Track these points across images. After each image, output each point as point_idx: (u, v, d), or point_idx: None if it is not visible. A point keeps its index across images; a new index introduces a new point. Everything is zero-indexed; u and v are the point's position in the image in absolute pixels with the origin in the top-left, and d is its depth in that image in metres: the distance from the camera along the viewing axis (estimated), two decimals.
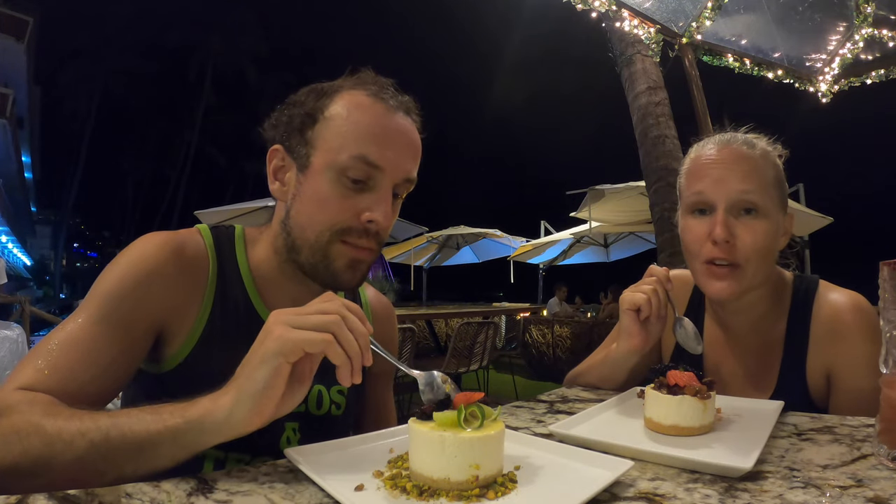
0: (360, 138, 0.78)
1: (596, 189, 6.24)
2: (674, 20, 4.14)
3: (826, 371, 0.95)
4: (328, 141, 0.79)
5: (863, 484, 0.55)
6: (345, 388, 0.93)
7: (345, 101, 0.81)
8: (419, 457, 0.55)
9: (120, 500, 0.50)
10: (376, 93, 0.81)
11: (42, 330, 9.16)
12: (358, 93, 0.81)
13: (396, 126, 0.81)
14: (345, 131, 0.79)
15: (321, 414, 0.89)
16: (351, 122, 0.79)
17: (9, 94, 12.79)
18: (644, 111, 4.46)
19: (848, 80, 4.48)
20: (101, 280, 0.76)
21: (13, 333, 3.26)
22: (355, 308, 0.63)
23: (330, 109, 0.81)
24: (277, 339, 0.59)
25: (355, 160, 0.78)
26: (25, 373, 0.68)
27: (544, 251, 9.91)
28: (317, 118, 0.81)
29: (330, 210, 0.79)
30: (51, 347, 0.70)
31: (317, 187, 0.79)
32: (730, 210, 0.94)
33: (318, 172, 0.80)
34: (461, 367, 4.30)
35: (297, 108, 0.83)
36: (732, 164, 0.96)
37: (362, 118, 0.79)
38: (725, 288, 0.95)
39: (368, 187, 0.79)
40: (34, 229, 32.06)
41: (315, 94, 0.83)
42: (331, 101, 0.81)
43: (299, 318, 0.60)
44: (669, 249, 4.19)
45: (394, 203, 0.83)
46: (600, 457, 0.62)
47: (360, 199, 0.79)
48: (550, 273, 11.15)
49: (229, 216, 6.45)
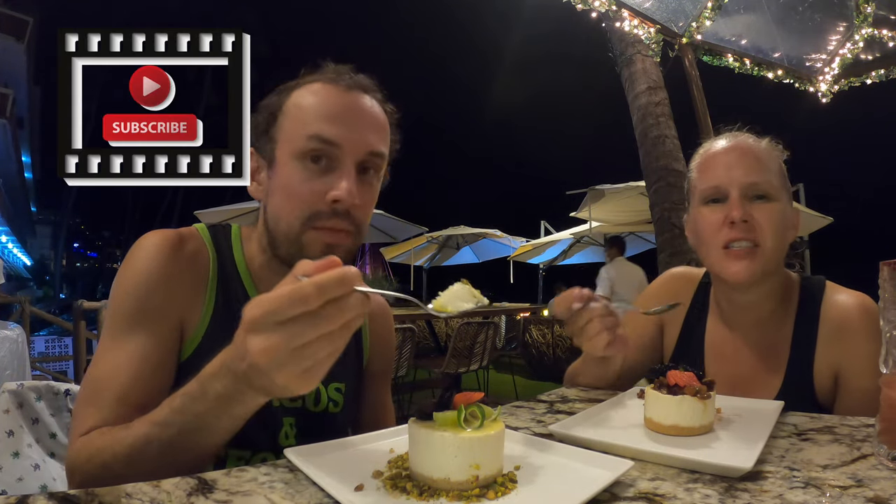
0: (314, 119, 0.79)
1: (596, 189, 6.24)
2: (674, 20, 4.15)
3: (833, 371, 0.96)
4: (287, 131, 0.81)
5: (863, 484, 0.55)
6: (343, 385, 0.93)
7: (300, 91, 0.83)
8: (419, 457, 0.55)
9: (120, 500, 0.50)
10: (331, 78, 0.83)
11: (42, 330, 9.14)
12: (315, 82, 0.83)
13: (350, 102, 0.81)
14: (300, 117, 0.80)
15: (318, 411, 0.89)
16: (305, 108, 0.80)
17: (9, 94, 12.80)
18: (644, 111, 4.46)
19: (848, 80, 4.49)
20: (114, 295, 0.77)
21: (13, 333, 3.26)
22: (328, 280, 0.50)
23: (288, 102, 0.82)
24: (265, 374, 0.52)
25: (310, 140, 0.78)
26: (83, 421, 0.69)
27: (544, 251, 9.91)
28: (277, 115, 0.83)
29: (295, 196, 0.79)
30: (95, 387, 0.71)
31: (282, 178, 0.81)
32: (744, 196, 0.97)
33: (282, 164, 0.81)
34: (461, 367, 4.30)
35: (263, 110, 0.85)
36: (743, 154, 1.00)
37: (315, 100, 0.81)
38: (744, 269, 0.95)
39: (330, 168, 0.79)
40: (34, 229, 32.06)
41: (276, 94, 0.85)
42: (288, 96, 0.83)
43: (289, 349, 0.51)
44: (669, 249, 4.19)
45: (363, 179, 0.82)
46: (600, 457, 0.62)
47: (323, 180, 0.79)
48: (550, 273, 11.15)
49: (229, 216, 6.45)
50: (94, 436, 0.66)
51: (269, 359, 0.50)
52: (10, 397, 0.96)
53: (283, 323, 0.50)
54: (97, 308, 4.34)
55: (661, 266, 4.21)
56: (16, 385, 0.97)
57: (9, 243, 24.77)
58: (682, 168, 4.19)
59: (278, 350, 0.50)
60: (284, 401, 0.86)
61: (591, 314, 0.88)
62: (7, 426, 0.95)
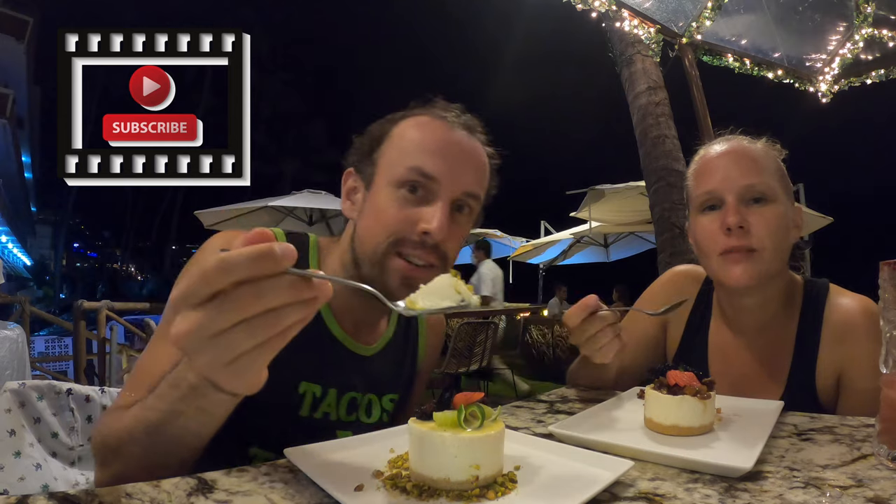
0: (417, 151, 0.81)
1: (596, 189, 6.24)
2: (674, 20, 4.15)
3: (836, 373, 0.96)
4: (389, 158, 0.83)
5: (863, 484, 0.55)
6: (396, 396, 0.95)
7: (408, 122, 0.85)
8: (419, 457, 0.55)
9: (120, 500, 0.50)
10: (439, 115, 0.85)
11: (42, 330, 9.13)
12: (422, 115, 0.86)
13: (454, 139, 0.84)
14: (403, 147, 0.83)
15: (372, 422, 0.91)
16: (409, 139, 0.83)
17: (9, 94, 12.78)
18: (644, 111, 4.46)
19: (848, 80, 4.49)
20: (177, 284, 0.77)
21: (13, 333, 3.26)
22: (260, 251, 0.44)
23: (394, 131, 0.85)
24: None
25: (410, 171, 0.80)
26: (118, 401, 0.71)
27: (544, 251, 9.90)
28: (382, 141, 0.85)
29: (386, 220, 0.81)
30: (138, 373, 0.72)
31: (377, 201, 0.83)
32: (740, 200, 0.96)
33: (379, 188, 0.83)
34: (461, 367, 4.30)
35: (368, 134, 0.88)
36: (737, 158, 0.98)
37: (420, 134, 0.83)
38: (743, 273, 0.94)
39: (425, 200, 0.81)
40: (34, 229, 32.03)
41: (385, 121, 0.88)
42: (396, 125, 0.86)
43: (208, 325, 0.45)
44: (669, 249, 4.19)
45: (456, 218, 0.84)
46: (600, 457, 0.62)
47: (417, 210, 0.81)
48: (550, 273, 11.15)
49: (229, 216, 6.45)
50: (103, 414, 0.68)
51: (185, 343, 0.46)
52: (12, 396, 0.96)
53: (197, 305, 0.45)
54: (97, 308, 4.34)
55: (661, 266, 4.21)
56: (17, 384, 0.97)
57: (9, 243, 24.76)
58: (682, 168, 4.19)
59: (190, 334, 0.45)
60: (342, 414, 0.88)
61: (603, 323, 0.87)
62: (8, 425, 0.95)
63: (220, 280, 0.43)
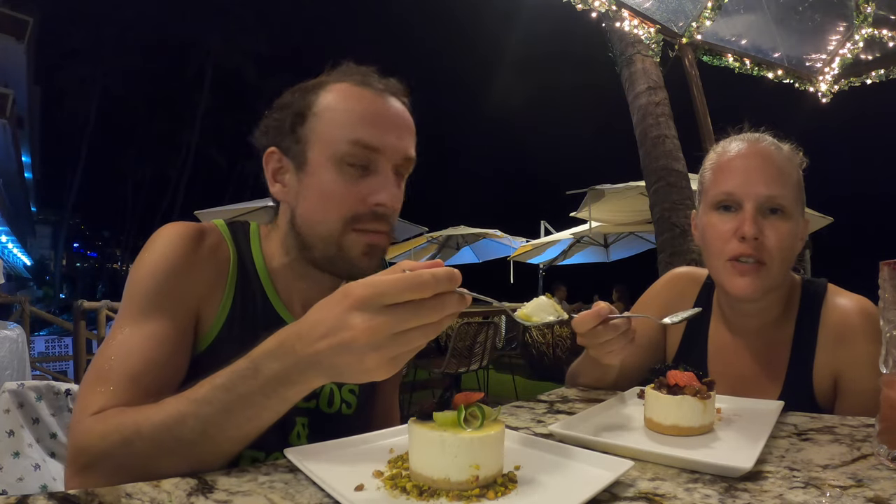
0: (355, 124, 0.80)
1: (596, 189, 6.24)
2: (674, 20, 4.15)
3: (833, 374, 0.95)
4: (323, 134, 0.81)
5: (863, 484, 0.55)
6: (356, 387, 0.93)
7: (332, 93, 0.82)
8: (419, 457, 0.55)
9: (120, 500, 0.50)
10: (362, 80, 0.83)
11: (42, 330, 9.12)
12: (344, 83, 0.83)
13: (388, 108, 0.83)
14: (338, 121, 0.80)
15: (331, 412, 0.89)
16: (342, 111, 0.81)
17: (9, 94, 12.77)
18: (644, 111, 4.45)
19: (848, 80, 4.49)
20: (133, 279, 0.76)
21: (13, 333, 3.26)
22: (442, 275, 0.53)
23: (318, 104, 0.82)
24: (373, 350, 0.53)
25: (353, 146, 0.79)
26: (93, 399, 0.67)
27: (544, 251, 9.90)
28: (306, 115, 0.82)
29: (337, 201, 0.80)
30: (107, 365, 0.69)
31: (320, 181, 0.81)
32: (758, 209, 0.94)
33: (318, 167, 0.81)
34: (461, 367, 4.30)
35: (285, 109, 0.85)
36: (763, 164, 0.95)
37: (353, 105, 0.81)
38: (749, 285, 0.93)
39: (370, 171, 0.81)
40: (34, 229, 32.03)
41: (301, 93, 0.85)
42: (317, 96, 0.83)
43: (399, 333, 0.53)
44: (669, 249, 4.18)
45: (398, 182, 0.85)
46: (600, 457, 0.62)
47: (365, 184, 0.80)
48: (550, 273, 11.15)
49: (229, 216, 6.44)
50: (109, 414, 0.64)
51: (370, 339, 0.52)
52: (11, 397, 0.96)
53: (390, 307, 0.52)
54: (97, 308, 4.34)
55: (661, 266, 4.21)
56: (16, 385, 0.97)
57: (9, 243, 24.77)
58: (682, 168, 4.18)
59: (380, 332, 0.52)
60: (299, 401, 0.86)
61: (616, 332, 0.84)
62: (7, 426, 0.95)
63: (431, 290, 0.52)
